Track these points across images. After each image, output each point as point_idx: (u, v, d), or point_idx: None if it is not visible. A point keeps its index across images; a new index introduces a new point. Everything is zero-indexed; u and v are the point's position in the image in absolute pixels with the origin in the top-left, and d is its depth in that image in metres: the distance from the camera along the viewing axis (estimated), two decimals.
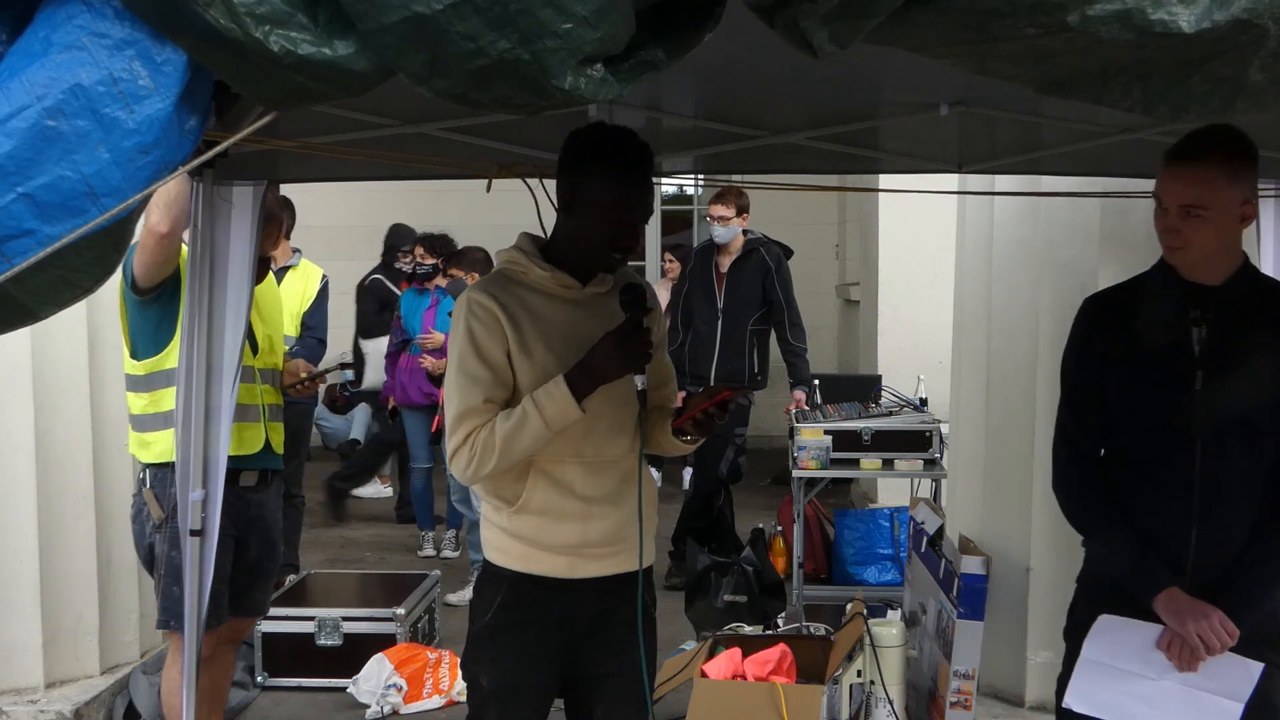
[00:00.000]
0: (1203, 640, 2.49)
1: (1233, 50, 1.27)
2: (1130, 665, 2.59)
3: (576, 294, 2.65)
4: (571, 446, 2.60)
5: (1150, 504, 2.62)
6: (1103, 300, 2.79)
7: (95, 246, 1.40)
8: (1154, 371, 2.62)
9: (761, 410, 7.36)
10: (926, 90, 2.95)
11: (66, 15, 1.24)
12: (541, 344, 2.58)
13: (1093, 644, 2.64)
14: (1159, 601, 2.55)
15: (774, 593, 5.57)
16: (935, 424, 5.64)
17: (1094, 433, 2.71)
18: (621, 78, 1.35)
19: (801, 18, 1.27)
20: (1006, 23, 1.25)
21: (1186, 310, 2.59)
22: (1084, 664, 2.64)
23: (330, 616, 5.21)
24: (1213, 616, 2.49)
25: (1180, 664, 2.53)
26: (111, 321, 4.79)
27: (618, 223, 2.54)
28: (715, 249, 6.70)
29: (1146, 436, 2.63)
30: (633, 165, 2.54)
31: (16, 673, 4.57)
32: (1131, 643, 2.60)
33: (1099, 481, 2.69)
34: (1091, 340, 2.73)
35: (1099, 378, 2.69)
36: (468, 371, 2.57)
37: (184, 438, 3.31)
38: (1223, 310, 2.58)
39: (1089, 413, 2.71)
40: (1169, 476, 2.60)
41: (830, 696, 3.37)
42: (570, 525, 2.63)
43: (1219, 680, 2.53)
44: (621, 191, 2.52)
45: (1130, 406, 2.65)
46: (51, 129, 1.23)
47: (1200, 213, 2.47)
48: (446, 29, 1.26)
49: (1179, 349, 2.59)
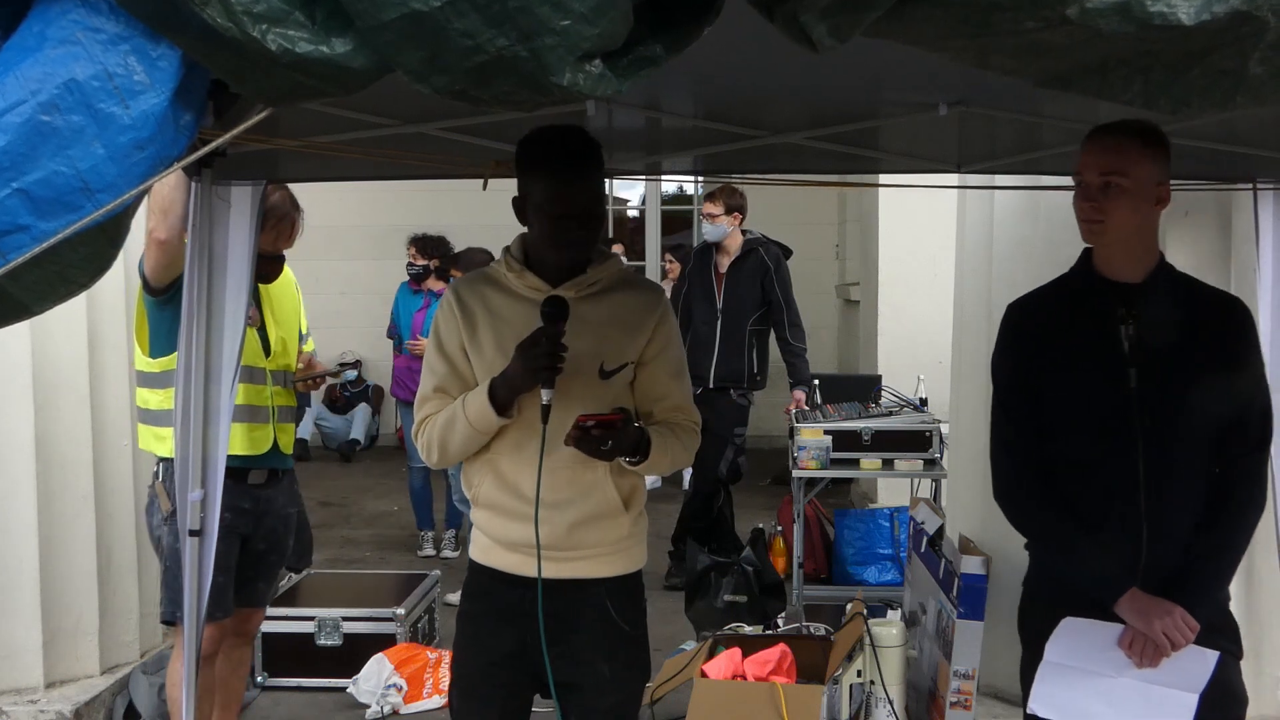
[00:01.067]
0: (1168, 637, 2.52)
1: (1233, 43, 1.27)
2: (1090, 665, 2.61)
3: (541, 296, 2.62)
4: (516, 444, 2.60)
5: (1098, 505, 2.63)
6: (1027, 304, 2.81)
7: (91, 242, 1.40)
8: (1087, 373, 2.64)
9: (761, 410, 7.36)
10: (926, 90, 2.95)
11: (61, 10, 1.23)
12: (493, 342, 2.61)
13: (1054, 646, 2.65)
14: (1122, 604, 2.57)
15: (774, 593, 5.57)
16: (935, 424, 5.64)
17: (1031, 438, 2.71)
18: (620, 73, 1.35)
19: (801, 12, 1.26)
20: (1006, 16, 1.25)
21: (1113, 308, 2.62)
22: (1046, 667, 2.66)
23: (330, 616, 5.21)
24: (1175, 613, 2.53)
25: (1141, 661, 2.56)
26: (112, 320, 4.81)
27: (555, 219, 2.55)
28: (715, 249, 6.70)
29: (1087, 438, 2.64)
30: (564, 164, 2.54)
31: (16, 673, 4.57)
32: (1092, 642, 2.62)
33: (1042, 487, 2.69)
34: (1021, 345, 2.75)
35: (1032, 380, 2.69)
36: (429, 362, 2.71)
37: (183, 438, 3.31)
38: (1147, 307, 2.61)
39: (1024, 418, 2.71)
40: (1114, 476, 2.61)
41: (830, 696, 3.37)
42: (515, 523, 2.63)
43: (1176, 673, 2.56)
44: (553, 190, 2.53)
45: (1066, 409, 2.66)
46: (46, 124, 1.23)
47: (1119, 181, 2.51)
48: (445, 26, 1.26)
49: (1109, 348, 2.61)
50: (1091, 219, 2.58)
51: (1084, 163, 2.58)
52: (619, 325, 2.65)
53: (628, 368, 2.65)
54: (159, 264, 3.58)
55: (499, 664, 2.69)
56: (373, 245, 11.47)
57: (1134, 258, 2.63)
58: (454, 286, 2.72)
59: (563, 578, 2.63)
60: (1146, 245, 2.65)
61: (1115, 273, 2.64)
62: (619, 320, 2.65)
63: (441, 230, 8.10)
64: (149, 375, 3.82)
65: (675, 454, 2.67)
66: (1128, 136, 2.53)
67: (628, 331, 2.64)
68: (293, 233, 3.90)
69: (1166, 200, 2.60)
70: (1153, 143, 2.55)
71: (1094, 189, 2.55)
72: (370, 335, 10.69)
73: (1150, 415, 2.58)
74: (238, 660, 4.13)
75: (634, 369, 2.66)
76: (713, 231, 6.59)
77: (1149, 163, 2.54)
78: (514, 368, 2.52)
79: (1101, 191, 2.54)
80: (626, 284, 2.72)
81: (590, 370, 2.61)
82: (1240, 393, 2.62)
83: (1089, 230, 2.61)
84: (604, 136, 3.70)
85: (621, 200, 13.22)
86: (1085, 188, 2.57)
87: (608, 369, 2.62)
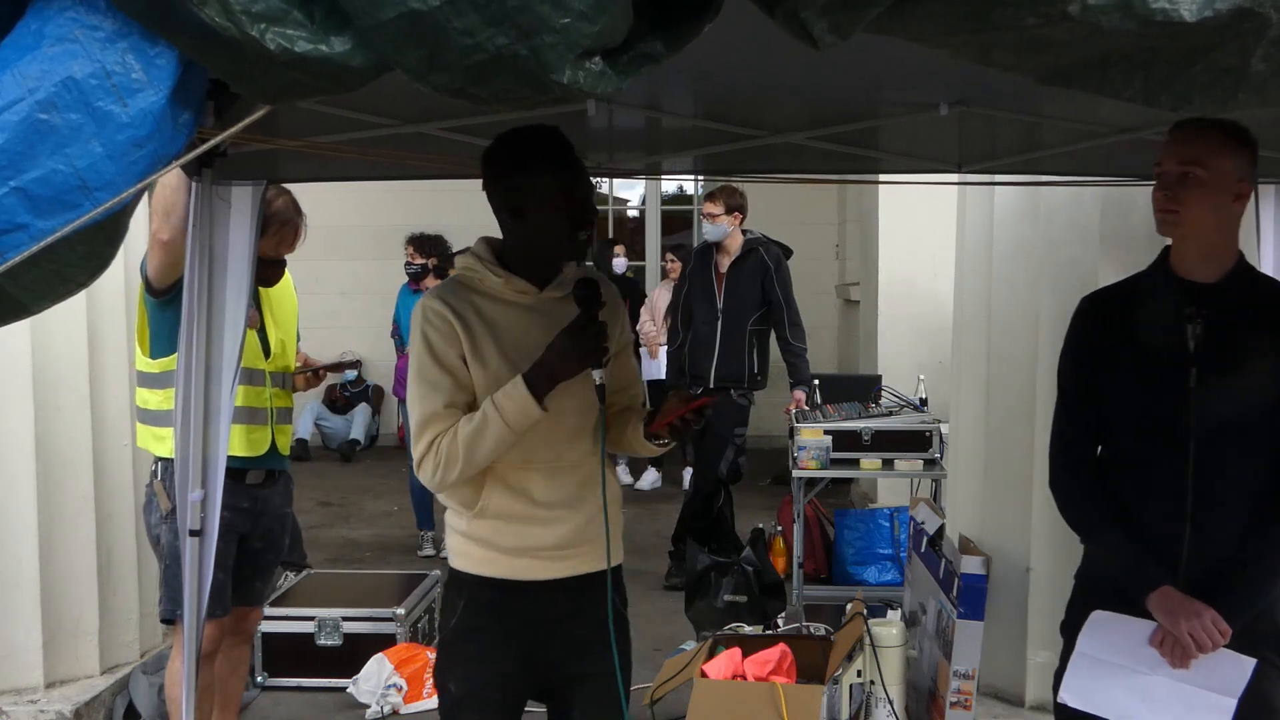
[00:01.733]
0: (1194, 639, 2.49)
1: (1235, 40, 1.27)
2: (1124, 660, 2.59)
3: (532, 299, 2.63)
4: (527, 453, 2.58)
5: (1144, 502, 2.61)
6: (1100, 299, 2.78)
7: (89, 241, 1.40)
8: (1149, 370, 2.61)
9: (761, 410, 7.36)
10: (926, 90, 2.95)
11: (58, 8, 1.23)
12: (496, 351, 2.57)
13: (1086, 639, 2.64)
14: (1152, 600, 2.55)
15: (774, 593, 5.56)
16: (935, 424, 5.64)
17: (1090, 432, 2.71)
18: (620, 71, 1.35)
19: (801, 9, 1.26)
20: (1007, 12, 1.25)
21: (1182, 307, 2.58)
22: (1078, 658, 2.65)
23: (330, 616, 5.20)
24: (1205, 615, 2.50)
25: (1173, 661, 2.54)
26: (112, 320, 4.81)
27: (572, 207, 2.57)
28: (715, 249, 6.70)
29: (1141, 435, 2.63)
30: (567, 155, 2.57)
31: (16, 673, 4.57)
32: (1125, 638, 2.60)
33: (1095, 481, 2.69)
34: (1088, 339, 2.73)
35: (1095, 377, 2.68)
36: (427, 378, 2.57)
37: (183, 438, 3.31)
38: (1218, 308, 2.57)
39: (1085, 413, 2.71)
40: (1163, 475, 2.59)
41: (830, 696, 3.37)
42: (527, 529, 2.62)
43: (1212, 676, 2.53)
44: (565, 180, 2.55)
45: (1125, 405, 2.64)
46: (44, 122, 1.22)
47: (1198, 173, 2.48)
48: (444, 25, 1.26)
49: (1174, 347, 2.58)
50: (1166, 209, 2.53)
51: (1165, 151, 2.53)
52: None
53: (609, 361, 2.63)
54: (163, 265, 3.59)
55: (511, 675, 2.68)
56: (373, 245, 11.47)
57: (1209, 256, 2.58)
58: (438, 299, 2.62)
59: (576, 574, 2.65)
60: (1224, 244, 2.59)
61: (1189, 271, 2.59)
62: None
63: (441, 230, 8.09)
64: (149, 375, 3.83)
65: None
66: (1212, 130, 2.49)
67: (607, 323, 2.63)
68: (295, 238, 3.91)
69: (1247, 198, 2.55)
70: (1237, 138, 2.51)
71: (1171, 179, 2.50)
72: (370, 335, 10.69)
73: (1205, 416, 2.54)
74: (237, 659, 4.14)
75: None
76: (713, 231, 6.59)
77: (1230, 157, 2.49)
78: (558, 355, 2.49)
79: (1179, 182, 2.49)
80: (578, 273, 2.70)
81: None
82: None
83: (1163, 221, 2.55)
84: (604, 136, 3.73)
85: (621, 200, 13.22)
86: (1163, 177, 2.53)
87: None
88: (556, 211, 2.55)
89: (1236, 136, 2.51)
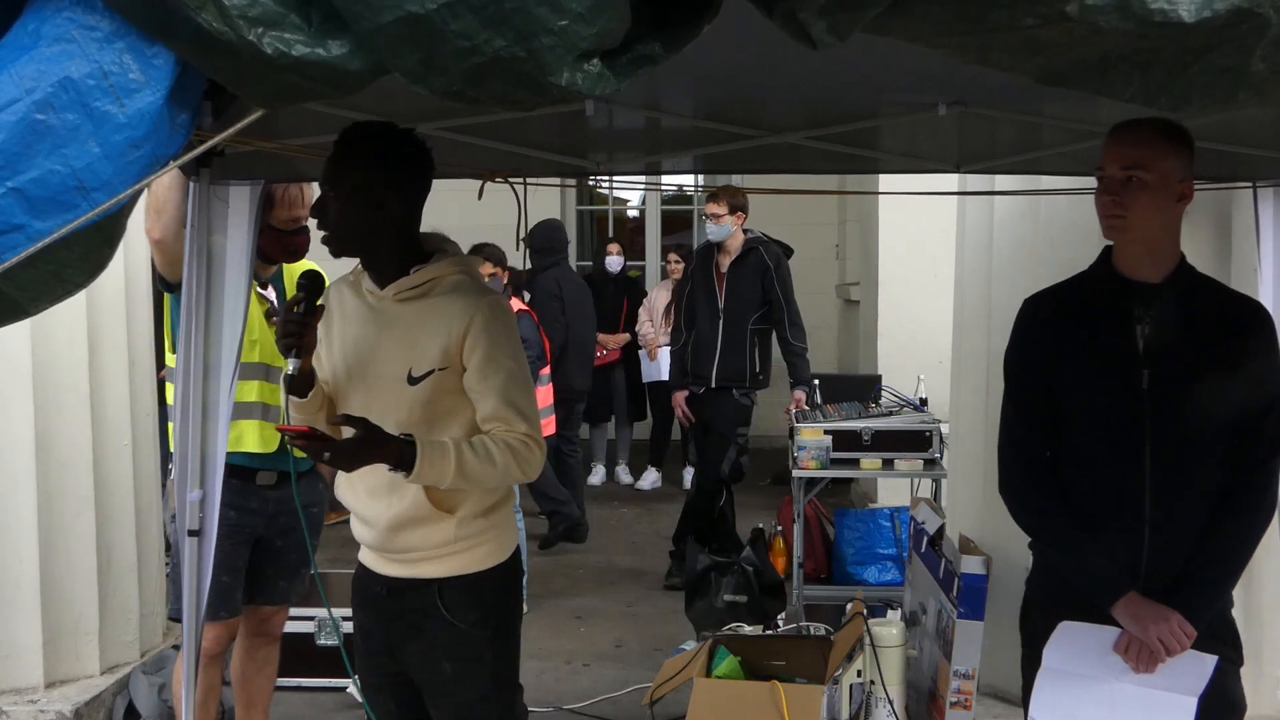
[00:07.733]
0: (1163, 643, 2.50)
1: (1234, 40, 1.27)
2: (1089, 670, 2.60)
3: (374, 299, 2.69)
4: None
5: (1102, 505, 2.60)
6: (1044, 300, 2.77)
7: (86, 241, 1.40)
8: (1100, 372, 2.61)
9: (761, 410, 7.35)
10: (925, 90, 2.94)
11: (55, 8, 1.23)
12: (338, 340, 2.72)
13: (1052, 651, 2.64)
14: (1119, 608, 2.55)
15: (774, 593, 5.56)
16: (935, 424, 5.63)
17: (1042, 434, 2.68)
18: (619, 72, 1.35)
19: (800, 9, 1.26)
20: (1005, 13, 1.25)
21: (1129, 308, 2.58)
22: (1045, 673, 2.65)
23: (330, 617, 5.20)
24: (1172, 620, 2.51)
25: (1138, 666, 2.54)
26: (112, 320, 4.80)
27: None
28: (716, 249, 6.70)
29: (1095, 437, 2.62)
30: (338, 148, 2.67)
31: (16, 673, 4.57)
32: (1089, 647, 2.60)
33: (1048, 484, 2.67)
34: (1035, 339, 2.72)
35: (1045, 375, 2.67)
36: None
37: (182, 437, 3.31)
38: (1165, 308, 2.57)
39: (1036, 413, 2.68)
40: (1121, 477, 2.58)
41: (830, 696, 3.36)
42: (358, 523, 2.77)
43: (1175, 677, 2.54)
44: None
45: (1078, 407, 2.63)
46: (41, 123, 1.22)
47: (1142, 176, 2.49)
48: (441, 28, 1.26)
49: (1124, 348, 2.58)
50: (1113, 213, 2.54)
51: (1106, 157, 2.55)
52: (427, 330, 2.59)
53: (435, 374, 2.57)
54: (161, 263, 3.60)
55: (378, 653, 2.82)
56: None
57: (1154, 256, 2.59)
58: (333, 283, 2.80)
59: (399, 576, 2.73)
60: (1168, 244, 2.61)
61: (1134, 271, 2.60)
62: (428, 325, 2.59)
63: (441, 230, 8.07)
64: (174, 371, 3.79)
65: (477, 469, 2.50)
66: (1151, 131, 2.51)
67: (434, 337, 2.58)
68: (302, 194, 3.77)
69: (1189, 198, 2.57)
70: (1176, 138, 2.53)
71: (1116, 183, 2.52)
72: None
73: (1161, 417, 2.54)
74: (263, 659, 4.07)
75: (450, 376, 2.58)
76: (717, 231, 6.58)
77: (1172, 158, 2.51)
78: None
79: (1123, 186, 2.51)
80: (453, 290, 2.65)
81: (398, 375, 2.59)
82: (1256, 400, 2.57)
83: (1110, 225, 2.57)
84: (603, 136, 3.73)
85: (621, 200, 13.20)
86: (1107, 182, 2.54)
87: (415, 375, 2.58)
88: (417, 205, 2.80)
89: (1177, 137, 2.53)
